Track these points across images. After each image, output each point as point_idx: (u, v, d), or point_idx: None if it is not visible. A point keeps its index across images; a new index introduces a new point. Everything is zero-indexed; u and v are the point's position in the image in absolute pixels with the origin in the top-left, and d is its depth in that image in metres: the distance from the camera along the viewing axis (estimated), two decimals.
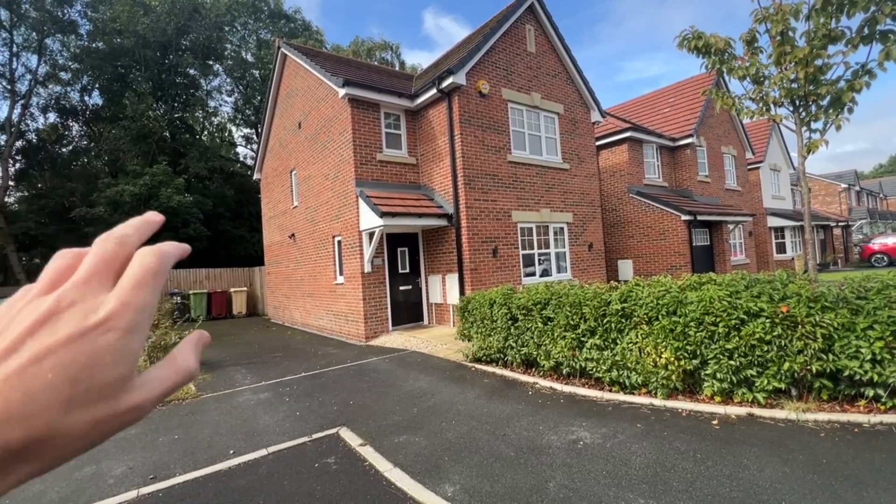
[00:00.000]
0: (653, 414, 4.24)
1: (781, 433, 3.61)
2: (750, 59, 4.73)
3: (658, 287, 4.59)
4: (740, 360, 3.97)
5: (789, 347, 3.79)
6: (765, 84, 4.72)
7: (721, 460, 3.29)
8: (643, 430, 3.92)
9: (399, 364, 7.31)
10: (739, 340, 3.96)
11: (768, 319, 3.88)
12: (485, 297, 6.41)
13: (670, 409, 4.30)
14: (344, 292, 10.69)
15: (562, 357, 5.16)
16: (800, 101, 4.50)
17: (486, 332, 6.34)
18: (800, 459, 3.20)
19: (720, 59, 4.84)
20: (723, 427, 3.81)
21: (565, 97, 12.44)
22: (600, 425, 4.11)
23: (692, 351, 4.21)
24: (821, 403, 3.83)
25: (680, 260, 13.90)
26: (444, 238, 10.42)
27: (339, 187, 10.74)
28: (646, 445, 3.63)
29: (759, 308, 3.91)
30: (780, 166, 24.79)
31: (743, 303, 3.98)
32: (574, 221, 12.27)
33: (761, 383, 3.93)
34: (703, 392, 4.32)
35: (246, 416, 5.34)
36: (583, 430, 4.05)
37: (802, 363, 3.76)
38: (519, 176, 10.98)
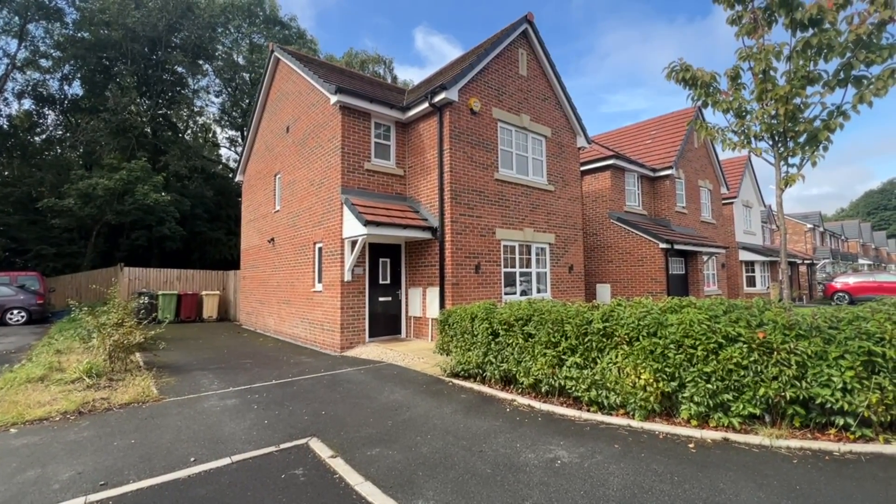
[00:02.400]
0: (630, 435, 4.21)
1: (756, 458, 3.62)
2: (733, 94, 4.95)
3: (639, 308, 4.63)
4: (717, 383, 4.01)
5: (765, 373, 3.85)
6: (746, 118, 4.94)
7: (697, 483, 3.27)
8: (621, 450, 3.88)
9: (375, 376, 7.12)
10: (717, 364, 4.00)
11: (745, 345, 3.95)
12: (466, 311, 6.35)
13: (647, 431, 4.29)
14: (321, 300, 10.46)
15: (541, 374, 5.11)
16: (779, 136, 4.71)
17: (465, 347, 6.26)
18: (774, 485, 3.21)
19: (706, 91, 5.05)
20: (699, 451, 3.81)
21: (553, 121, 12.73)
22: (578, 445, 4.05)
23: (671, 373, 4.23)
24: (793, 430, 3.89)
25: (657, 287, 14.18)
26: (428, 251, 10.36)
27: (324, 193, 10.62)
28: (623, 466, 3.59)
29: (738, 333, 3.98)
30: (752, 203, 25.86)
31: (721, 327, 4.04)
32: (556, 242, 12.41)
33: (737, 408, 3.96)
34: (679, 415, 4.33)
35: (210, 422, 5.08)
36: (561, 448, 3.99)
37: (777, 389, 3.82)
38: (505, 194, 11.09)
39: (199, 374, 7.63)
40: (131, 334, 7.44)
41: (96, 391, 6.12)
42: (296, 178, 12.25)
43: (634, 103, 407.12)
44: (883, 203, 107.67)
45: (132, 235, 23.52)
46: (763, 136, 4.81)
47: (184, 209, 23.34)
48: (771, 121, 4.66)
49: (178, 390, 6.46)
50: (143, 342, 7.62)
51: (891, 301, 3.96)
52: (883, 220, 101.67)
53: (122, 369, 7.32)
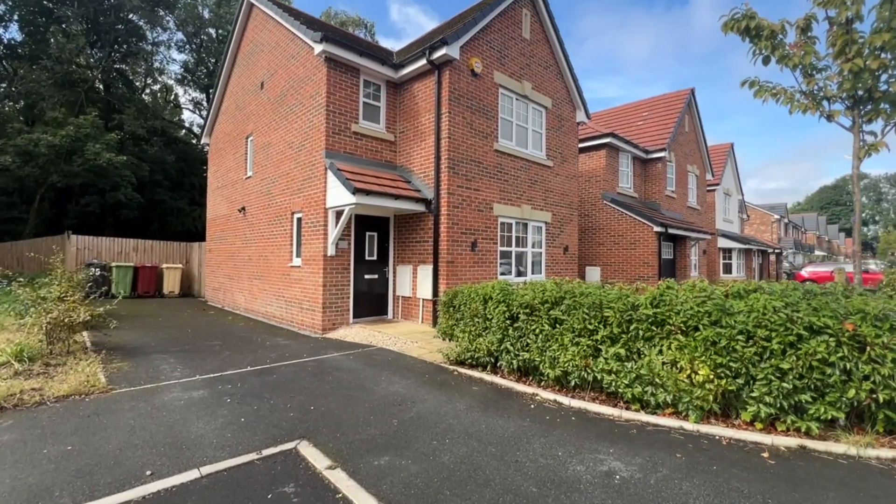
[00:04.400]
0: (688, 440, 3.60)
1: (849, 473, 3.06)
2: (805, 48, 4.28)
3: (695, 292, 3.99)
4: (794, 382, 3.42)
5: (856, 372, 3.28)
6: (817, 77, 4.29)
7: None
8: (686, 462, 3.25)
9: (366, 362, 6.28)
10: (797, 360, 3.40)
11: (832, 338, 3.36)
12: (477, 292, 5.58)
13: (706, 435, 3.68)
14: (300, 276, 9.44)
15: (571, 366, 4.43)
16: (861, 97, 4.10)
17: (475, 332, 5.50)
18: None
19: (772, 44, 4.35)
20: (778, 462, 3.22)
21: (554, 91, 11.91)
22: (632, 453, 3.39)
23: (737, 369, 3.61)
24: (878, 437, 3.36)
25: (648, 271, 13.86)
26: (420, 226, 9.47)
27: (304, 157, 9.47)
28: (698, 484, 2.94)
29: (823, 324, 3.38)
30: (732, 191, 26.12)
31: (803, 316, 3.43)
32: (552, 222, 11.76)
33: (816, 411, 3.40)
34: (739, 416, 3.75)
35: (172, 420, 4.14)
36: (612, 458, 3.32)
37: (868, 391, 3.26)
38: (504, 167, 10.27)
39: (158, 358, 6.57)
40: (75, 310, 6.26)
41: (27, 379, 5.01)
42: (271, 140, 10.97)
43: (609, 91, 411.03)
44: (835, 198, 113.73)
45: (82, 201, 21.36)
46: (840, 97, 4.19)
47: (142, 174, 21.31)
48: (854, 80, 4.03)
49: (131, 379, 5.43)
50: (91, 320, 6.45)
51: None
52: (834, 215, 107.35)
53: (64, 352, 6.18)
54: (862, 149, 4.11)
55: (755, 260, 26.80)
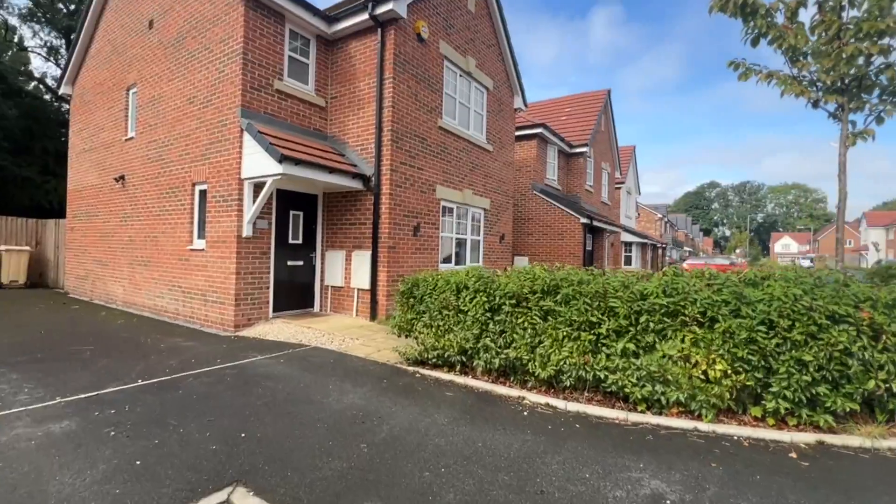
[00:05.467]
0: (711, 445, 3.22)
1: (878, 468, 2.89)
2: (797, 30, 4.19)
3: (708, 280, 3.66)
4: (814, 374, 3.22)
5: (872, 361, 3.16)
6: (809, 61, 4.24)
7: None
8: (726, 473, 2.83)
9: (304, 366, 5.12)
10: (818, 351, 3.20)
11: (852, 327, 3.20)
12: (447, 280, 4.76)
13: (723, 436, 3.35)
14: (204, 262, 7.71)
15: (567, 364, 3.86)
16: (852, 83, 4.13)
17: (444, 327, 4.69)
18: None
19: (767, 23, 4.20)
20: (810, 463, 2.96)
21: (496, 73, 11.42)
22: (665, 467, 2.90)
23: (755, 362, 3.32)
24: (885, 427, 3.30)
25: (575, 261, 14.22)
26: (356, 206, 8.31)
27: (211, 116, 7.70)
28: (755, 502, 2.51)
29: (845, 312, 3.21)
30: (632, 190, 28.59)
31: (823, 304, 3.24)
32: (491, 209, 11.34)
33: (833, 403, 3.23)
34: (749, 412, 3.49)
35: (16, 476, 2.70)
36: (648, 476, 2.78)
37: (883, 380, 3.16)
38: (447, 147, 9.50)
39: None
40: None
41: None
42: (163, 92, 8.84)
43: None
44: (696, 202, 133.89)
45: None
46: (828, 83, 4.19)
47: None
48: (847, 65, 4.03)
49: None
50: None
51: None
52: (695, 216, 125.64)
53: None
54: (850, 137, 4.22)
55: (649, 253, 29.77)
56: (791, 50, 4.31)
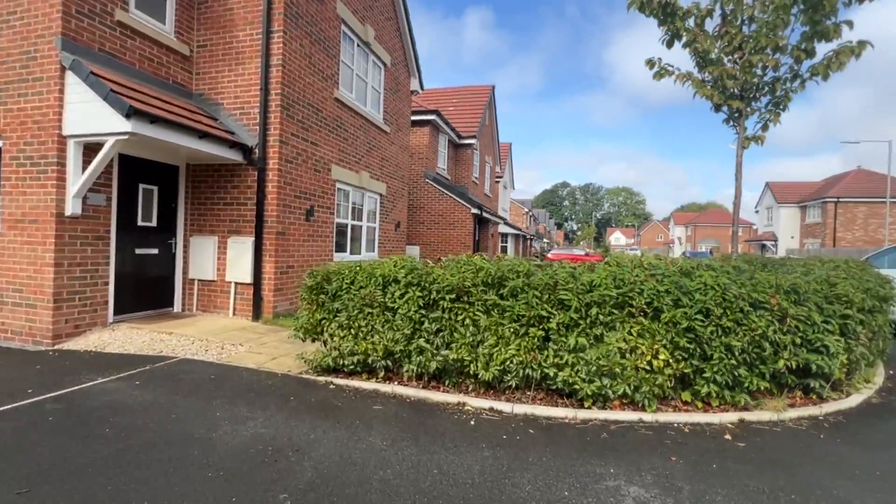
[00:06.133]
0: (659, 435, 3.21)
1: (794, 440, 3.19)
2: (708, 38, 4.51)
3: (648, 270, 3.66)
4: (741, 357, 3.44)
5: (780, 342, 3.49)
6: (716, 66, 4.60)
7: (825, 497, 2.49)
8: (688, 466, 2.80)
9: (172, 388, 3.86)
10: (743, 336, 3.42)
11: (768, 311, 3.49)
12: (372, 272, 4.02)
13: (665, 424, 3.39)
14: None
15: (514, 363, 3.53)
16: (748, 91, 4.58)
17: (366, 328, 3.96)
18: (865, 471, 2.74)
19: (683, 25, 4.43)
20: (746, 444, 3.12)
21: (394, 49, 10.68)
22: (634, 469, 2.74)
23: (692, 350, 3.42)
24: (785, 400, 3.70)
25: (466, 251, 14.36)
26: (232, 182, 6.86)
27: (7, 43, 5.47)
28: (726, 493, 2.49)
29: (763, 299, 3.48)
30: (508, 185, 30.50)
31: (747, 292, 3.47)
32: (387, 194, 10.65)
33: (749, 383, 3.50)
34: (679, 397, 3.62)
35: None
36: (622, 482, 2.59)
37: (787, 359, 3.52)
38: (344, 122, 8.51)
39: None
40: None
41: None
42: None
43: None
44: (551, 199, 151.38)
45: None
46: (732, 90, 4.60)
47: None
48: (747, 74, 4.45)
49: None
50: None
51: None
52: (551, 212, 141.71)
53: None
54: (746, 139, 4.74)
55: (521, 244, 32.25)
56: (701, 54, 4.70)
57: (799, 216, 40.15)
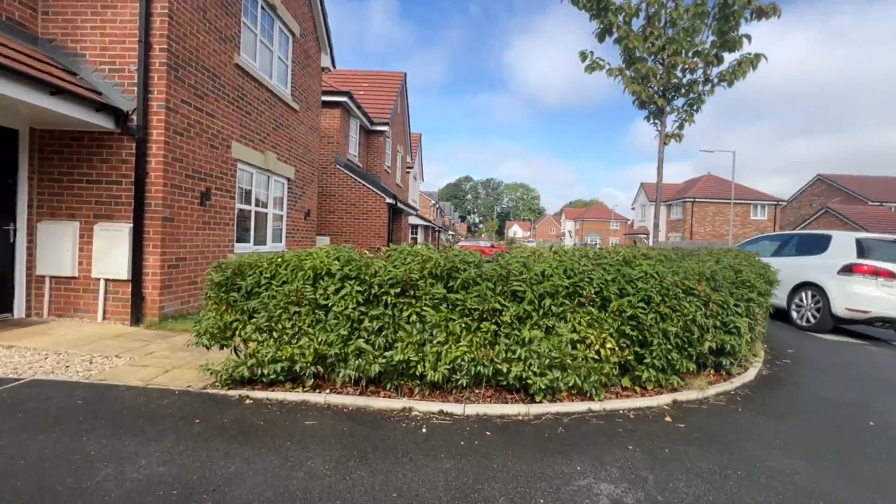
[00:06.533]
0: (610, 424, 3.20)
1: (726, 418, 3.43)
2: (633, 37, 4.67)
3: (596, 259, 3.63)
4: (676, 341, 3.61)
5: (706, 325, 3.74)
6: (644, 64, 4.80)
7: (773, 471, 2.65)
8: (644, 455, 2.80)
9: (19, 424, 2.87)
10: (677, 321, 3.58)
11: (697, 298, 3.71)
12: (300, 264, 3.41)
13: (612, 412, 3.41)
14: None
15: (464, 361, 3.26)
16: (671, 90, 4.85)
17: (292, 330, 3.36)
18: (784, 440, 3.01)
19: (615, 20, 4.52)
20: (685, 424, 3.26)
21: (303, 18, 9.67)
22: (598, 463, 2.66)
23: (635, 337, 3.49)
24: (706, 378, 3.99)
25: (380, 242, 13.82)
26: (100, 154, 5.54)
27: None
28: (687, 479, 2.53)
29: (694, 286, 3.68)
30: (417, 176, 30.28)
31: (680, 279, 3.64)
32: (296, 179, 9.68)
33: (680, 365, 3.70)
34: (619, 384, 3.70)
35: None
36: (594, 479, 2.48)
37: (710, 340, 3.79)
38: (246, 93, 7.44)
39: None
40: None
41: None
42: None
43: None
44: (455, 192, 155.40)
45: None
46: (656, 87, 4.83)
47: None
48: (669, 75, 4.70)
49: None
50: None
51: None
52: (455, 205, 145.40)
53: None
54: (668, 136, 5.05)
55: (430, 235, 32.34)
56: (629, 52, 4.89)
57: (665, 213, 46.58)
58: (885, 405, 3.93)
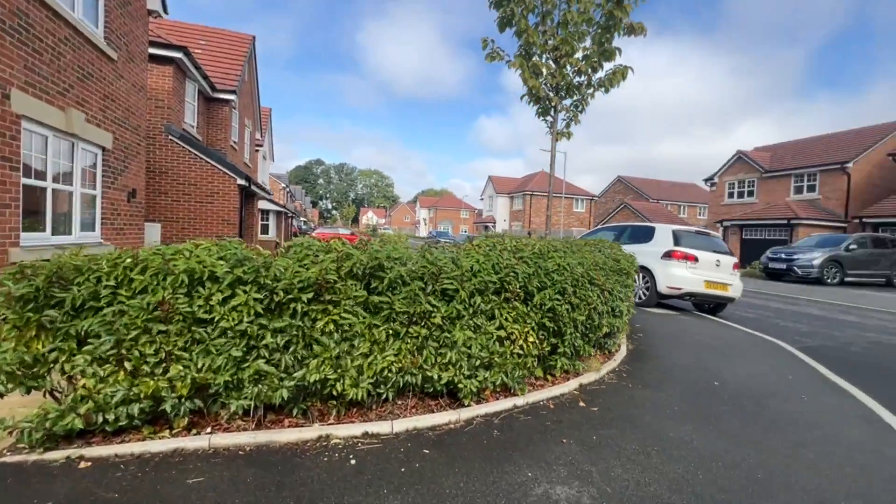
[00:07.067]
0: (537, 419, 3.17)
1: (620, 393, 3.75)
2: (531, 31, 4.72)
3: (516, 253, 3.54)
4: (581, 329, 3.80)
5: (603, 312, 4.04)
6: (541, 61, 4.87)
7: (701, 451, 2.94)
8: (579, 446, 2.83)
9: None
10: (584, 310, 3.77)
11: (598, 288, 3.96)
12: (158, 268, 2.46)
13: (534, 404, 3.40)
14: None
15: (392, 371, 2.83)
16: (562, 89, 5.00)
17: (154, 359, 2.44)
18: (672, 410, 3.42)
19: (516, 10, 4.48)
20: (598, 408, 3.45)
21: None
22: (544, 465, 2.59)
23: (553, 328, 3.56)
24: (600, 359, 4.33)
25: (229, 230, 11.88)
26: None
27: None
28: (640, 468, 2.64)
29: (596, 276, 3.91)
30: (267, 156, 27.16)
31: (586, 270, 3.83)
32: (115, 149, 7.54)
33: (583, 351, 3.93)
34: (533, 375, 3.76)
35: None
36: (547, 483, 2.39)
37: (607, 325, 4.11)
38: (34, 23, 5.37)
39: None
40: None
41: None
42: None
43: None
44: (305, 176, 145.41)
45: None
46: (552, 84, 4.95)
47: None
48: (561, 75, 4.86)
49: None
50: None
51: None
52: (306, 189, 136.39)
53: None
54: (559, 133, 5.23)
55: (283, 222, 29.51)
56: (526, 47, 4.95)
57: (509, 204, 51.89)
58: (715, 365, 4.90)
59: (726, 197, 29.46)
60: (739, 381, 4.36)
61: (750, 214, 25.85)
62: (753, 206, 27.22)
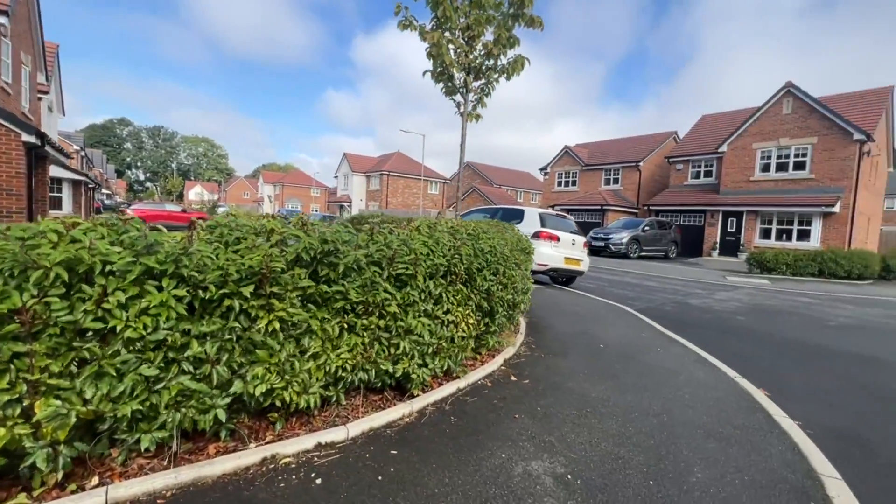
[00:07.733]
0: (481, 400, 3.17)
1: (536, 360, 4.05)
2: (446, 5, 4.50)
3: (453, 233, 3.39)
4: (506, 308, 3.93)
5: (521, 288, 4.26)
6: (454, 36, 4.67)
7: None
8: (530, 418, 2.95)
9: None
10: (510, 289, 3.92)
11: (518, 267, 4.13)
12: (14, 257, 1.61)
13: (472, 384, 3.38)
14: None
15: (347, 369, 2.45)
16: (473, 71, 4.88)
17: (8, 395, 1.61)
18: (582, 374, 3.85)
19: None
20: (529, 381, 3.65)
21: None
22: (510, 443, 2.62)
23: (487, 309, 3.59)
24: (512, 337, 4.57)
25: (14, 204, 8.81)
26: None
27: None
28: (587, 432, 2.87)
29: (517, 257, 4.06)
30: (55, 107, 20.84)
31: (510, 251, 3.95)
32: None
33: (506, 328, 4.10)
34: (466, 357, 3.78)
35: None
36: (522, 462, 2.43)
37: (522, 302, 4.35)
38: None
39: None
40: None
41: None
42: None
43: None
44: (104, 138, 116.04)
45: None
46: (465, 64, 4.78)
47: None
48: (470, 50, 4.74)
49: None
50: None
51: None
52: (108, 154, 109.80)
53: None
54: (470, 115, 5.10)
55: (83, 195, 23.27)
56: (444, 20, 4.73)
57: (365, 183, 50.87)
58: (593, 330, 5.70)
59: (556, 185, 34.29)
60: (616, 342, 5.17)
61: (573, 200, 30.68)
62: (576, 194, 32.36)
